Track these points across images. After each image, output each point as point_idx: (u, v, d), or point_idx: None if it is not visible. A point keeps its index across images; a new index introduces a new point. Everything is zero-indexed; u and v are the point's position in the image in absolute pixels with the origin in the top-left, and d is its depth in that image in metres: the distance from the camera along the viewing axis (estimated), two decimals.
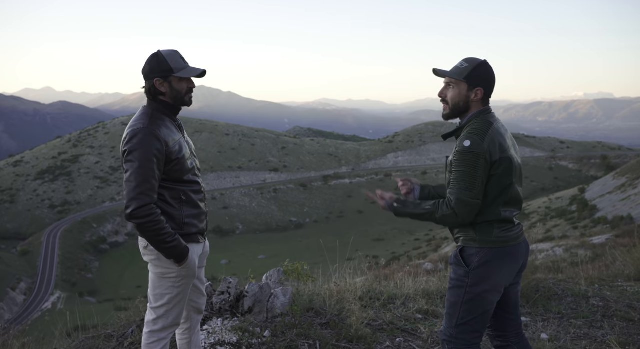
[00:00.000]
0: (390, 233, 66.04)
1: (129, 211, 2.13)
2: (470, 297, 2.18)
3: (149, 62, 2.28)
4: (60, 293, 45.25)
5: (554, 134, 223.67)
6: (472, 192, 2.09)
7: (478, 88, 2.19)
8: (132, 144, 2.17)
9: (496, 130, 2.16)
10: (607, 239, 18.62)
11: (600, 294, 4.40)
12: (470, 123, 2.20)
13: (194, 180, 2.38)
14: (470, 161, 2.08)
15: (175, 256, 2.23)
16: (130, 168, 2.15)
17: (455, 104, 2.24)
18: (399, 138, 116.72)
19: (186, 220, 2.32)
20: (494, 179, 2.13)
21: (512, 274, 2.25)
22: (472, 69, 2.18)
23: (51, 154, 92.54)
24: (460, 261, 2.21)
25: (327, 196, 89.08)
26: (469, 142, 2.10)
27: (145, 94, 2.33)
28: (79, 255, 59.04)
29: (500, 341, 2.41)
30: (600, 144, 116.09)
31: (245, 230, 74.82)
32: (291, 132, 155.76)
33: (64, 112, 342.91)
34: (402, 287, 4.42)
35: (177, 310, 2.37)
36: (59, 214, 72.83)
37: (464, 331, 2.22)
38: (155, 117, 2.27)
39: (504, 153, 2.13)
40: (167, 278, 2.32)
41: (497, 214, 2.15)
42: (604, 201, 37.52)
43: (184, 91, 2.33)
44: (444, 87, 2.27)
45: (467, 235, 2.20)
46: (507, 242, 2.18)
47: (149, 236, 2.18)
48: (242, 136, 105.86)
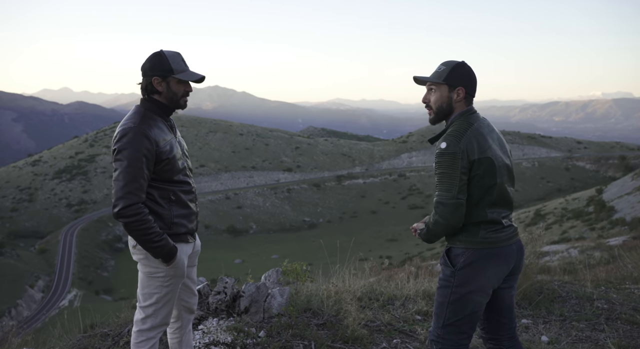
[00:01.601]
0: (403, 234, 65.69)
1: (116, 210, 2.14)
2: (456, 297, 2.18)
3: (150, 60, 2.27)
4: (77, 290, 45.94)
5: (571, 134, 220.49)
6: (450, 192, 2.10)
7: (459, 87, 2.21)
8: (122, 143, 2.16)
9: (476, 130, 2.16)
10: (624, 240, 18.28)
11: (606, 297, 4.32)
12: (452, 125, 2.21)
13: (184, 180, 2.37)
14: (447, 162, 2.10)
15: (163, 255, 2.24)
16: (119, 167, 2.15)
17: (438, 107, 2.25)
18: (412, 138, 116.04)
19: (175, 220, 2.32)
20: (475, 179, 2.12)
21: (500, 276, 2.22)
22: (450, 70, 2.21)
23: (68, 153, 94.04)
24: (447, 261, 2.22)
25: (341, 196, 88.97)
26: (445, 144, 2.12)
27: (140, 92, 2.32)
28: (95, 254, 59.88)
29: (492, 344, 2.39)
30: (619, 145, 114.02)
31: (258, 230, 75.12)
32: (305, 132, 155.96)
33: (81, 112, 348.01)
34: (402, 288, 4.39)
35: (165, 310, 2.37)
36: (76, 213, 73.93)
37: (451, 331, 2.21)
38: (147, 116, 2.26)
39: (484, 153, 2.12)
40: (156, 278, 2.33)
41: (483, 215, 2.14)
42: (622, 202, 36.82)
43: (180, 94, 2.32)
44: (426, 92, 2.29)
45: (453, 235, 2.22)
46: (495, 244, 2.16)
47: (136, 235, 2.18)
48: (256, 136, 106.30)
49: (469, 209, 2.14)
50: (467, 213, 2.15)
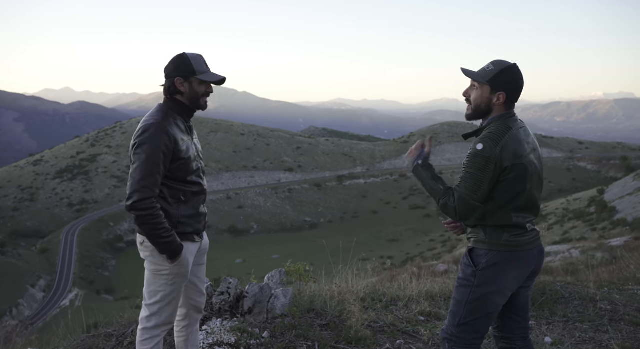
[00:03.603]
0: (404, 234, 65.70)
1: (130, 203, 2.18)
2: (475, 297, 2.19)
3: (173, 61, 2.34)
4: (78, 290, 46.01)
5: (573, 135, 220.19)
6: (475, 194, 2.12)
7: (500, 92, 2.18)
8: (143, 138, 2.23)
9: (514, 135, 2.14)
10: (625, 241, 18.26)
11: (609, 298, 4.32)
12: (489, 126, 2.20)
13: (196, 181, 2.42)
14: (480, 164, 2.10)
15: (169, 252, 2.28)
16: (138, 161, 2.21)
17: (477, 106, 2.24)
18: (414, 138, 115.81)
19: (181, 220, 2.36)
20: (503, 184, 2.13)
21: (520, 279, 2.24)
22: (496, 72, 2.17)
23: (70, 153, 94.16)
24: (469, 261, 2.23)
25: (342, 196, 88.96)
26: (482, 145, 2.11)
27: (163, 92, 2.39)
28: (96, 253, 59.95)
29: (505, 343, 2.39)
30: (620, 145, 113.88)
31: (259, 230, 75.14)
32: (306, 132, 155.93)
33: (83, 112, 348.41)
34: (405, 288, 4.39)
35: (170, 308, 2.40)
36: (77, 213, 74.03)
37: (465, 330, 2.23)
38: (169, 115, 2.34)
39: (518, 160, 2.12)
40: (161, 275, 2.36)
41: (508, 219, 2.15)
42: (624, 202, 36.75)
43: (201, 94, 2.38)
44: (469, 87, 2.27)
45: (477, 236, 2.22)
46: (518, 247, 2.17)
47: (146, 229, 2.23)
48: (257, 136, 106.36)
49: (495, 211, 2.15)
50: (492, 215, 2.16)
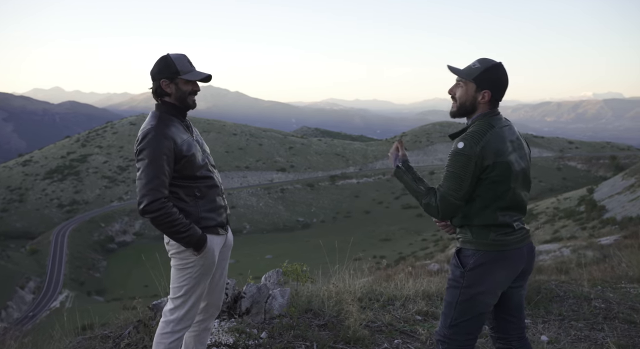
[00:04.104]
0: (397, 233, 65.86)
1: (141, 207, 2.23)
2: (465, 298, 2.19)
3: (157, 64, 2.39)
4: (68, 291, 45.59)
5: (563, 135, 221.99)
6: (457, 193, 2.12)
7: (485, 90, 2.17)
8: (143, 144, 2.29)
9: (496, 133, 2.14)
10: (615, 240, 18.44)
11: (603, 296, 4.36)
12: (473, 124, 2.20)
13: (207, 175, 2.46)
14: (461, 163, 2.09)
15: (193, 244, 2.31)
16: (142, 166, 2.27)
17: (462, 104, 2.24)
18: (406, 138, 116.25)
19: (202, 214, 2.40)
20: (486, 182, 2.12)
21: (509, 278, 2.23)
22: (482, 70, 2.16)
23: (60, 153, 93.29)
24: (457, 262, 2.23)
25: (335, 196, 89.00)
26: (462, 144, 2.10)
27: (152, 95, 2.45)
28: (87, 254, 59.46)
29: (501, 344, 2.39)
30: (609, 145, 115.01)
31: (252, 230, 74.94)
32: (298, 132, 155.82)
33: (73, 112, 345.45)
34: (402, 288, 4.40)
35: (192, 301, 2.43)
36: (68, 214, 73.39)
37: (457, 332, 2.22)
38: (163, 118, 2.39)
39: (500, 158, 2.10)
40: (186, 269, 2.40)
41: (493, 218, 2.15)
42: (613, 201, 37.15)
43: (188, 93, 2.42)
44: (454, 84, 2.26)
45: (464, 236, 2.22)
46: (505, 246, 2.17)
47: (163, 229, 2.27)
48: (250, 136, 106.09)
49: (480, 211, 2.15)
50: (478, 215, 2.15)
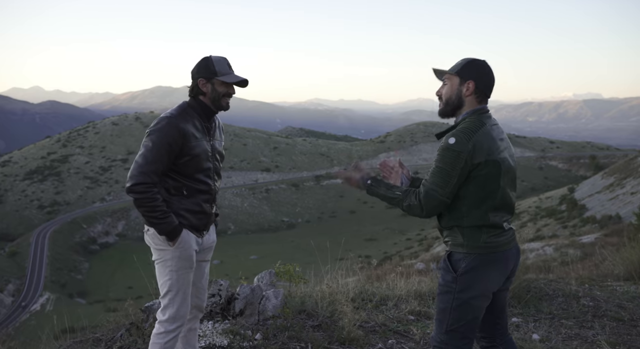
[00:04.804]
0: (382, 233, 66.15)
1: (128, 185, 2.28)
2: (459, 303, 2.13)
3: (198, 64, 2.44)
4: (49, 294, 44.80)
5: (544, 134, 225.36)
6: (443, 189, 2.06)
7: (469, 81, 2.15)
8: (154, 128, 2.34)
9: (487, 131, 2.11)
10: (596, 238, 18.81)
11: (591, 294, 4.42)
12: (463, 121, 2.16)
13: (203, 180, 2.47)
14: (450, 159, 2.04)
15: (167, 232, 2.33)
16: (144, 148, 2.32)
17: (448, 99, 2.20)
18: (390, 138, 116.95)
19: (180, 212, 2.41)
20: (476, 181, 2.08)
21: (500, 280, 2.21)
22: (465, 63, 2.17)
23: (40, 154, 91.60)
24: (448, 266, 2.16)
25: (319, 196, 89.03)
26: (454, 140, 2.05)
27: (188, 93, 2.50)
28: (69, 256, 58.49)
29: (485, 342, 2.40)
30: (589, 144, 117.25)
31: (237, 230, 74.56)
32: (283, 132, 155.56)
33: (53, 111, 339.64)
34: (394, 288, 4.40)
35: (179, 298, 2.43)
36: (48, 215, 72.12)
37: (454, 337, 2.18)
38: (186, 112, 2.43)
39: (491, 156, 2.07)
40: (165, 262, 2.41)
41: (485, 218, 2.10)
42: (593, 200, 37.86)
43: (222, 94, 2.46)
44: (441, 86, 2.25)
45: (455, 240, 2.15)
46: (496, 248, 2.13)
47: (143, 211, 2.31)
48: (234, 136, 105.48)
49: (471, 210, 2.10)
50: (469, 215, 2.10)
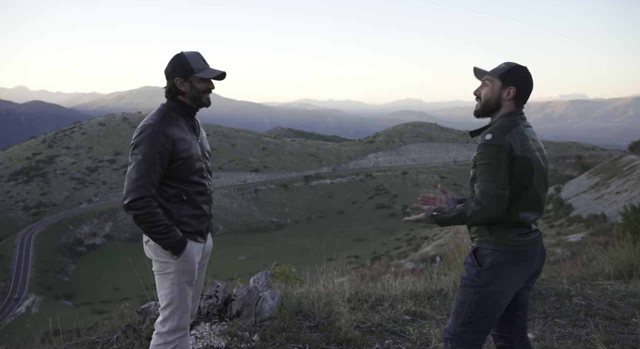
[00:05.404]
0: (371, 233, 66.34)
1: (126, 202, 2.19)
2: (480, 297, 2.19)
3: (171, 62, 2.34)
4: (34, 296, 44.19)
5: None
6: (495, 183, 2.08)
7: (511, 87, 2.21)
8: (139, 138, 2.23)
9: (520, 130, 2.16)
10: (582, 237, 19.05)
11: (583, 293, 4.48)
12: (497, 121, 2.22)
13: (199, 181, 2.40)
14: (492, 153, 2.09)
15: (172, 247, 2.26)
16: (134, 161, 2.22)
17: (487, 101, 2.25)
18: (379, 138, 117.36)
19: (182, 219, 2.35)
20: (513, 178, 2.13)
21: (523, 279, 2.25)
22: (509, 69, 2.22)
23: (25, 154, 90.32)
24: (474, 261, 2.21)
25: (308, 196, 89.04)
26: (491, 135, 2.12)
27: (165, 94, 2.39)
28: (55, 258, 57.78)
29: (503, 342, 2.41)
30: (575, 144, 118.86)
31: (225, 231, 74.25)
32: (272, 133, 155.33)
33: (38, 111, 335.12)
34: (389, 288, 4.42)
35: (181, 311, 2.37)
36: (34, 216, 71.17)
37: (469, 330, 2.23)
38: (168, 115, 2.33)
39: (525, 153, 2.13)
40: (167, 275, 2.34)
41: (514, 216, 2.15)
42: (579, 199, 38.34)
43: (202, 91, 2.37)
44: (480, 85, 2.30)
45: (482, 236, 2.21)
46: (522, 247, 2.18)
47: (145, 227, 2.22)
48: (222, 136, 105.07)
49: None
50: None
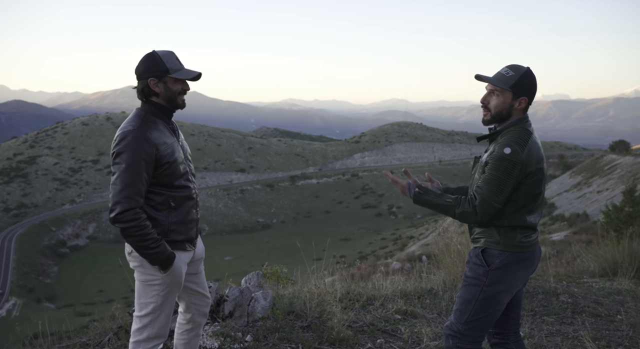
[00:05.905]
0: (357, 233, 66.50)
1: (112, 215, 2.07)
2: (486, 296, 2.25)
3: (143, 62, 2.20)
4: (16, 299, 43.38)
5: None
6: (498, 196, 2.16)
7: (523, 97, 2.23)
8: (121, 146, 2.11)
9: (534, 140, 2.21)
10: (565, 235, 19.35)
11: (569, 291, 4.57)
12: (509, 130, 2.23)
13: (185, 185, 2.31)
14: (506, 168, 2.14)
15: (160, 262, 2.17)
16: (117, 170, 2.10)
17: (498, 112, 2.26)
18: (365, 138, 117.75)
19: (172, 227, 2.25)
20: (524, 188, 2.19)
21: (526, 278, 2.33)
22: (518, 77, 2.21)
23: (6, 155, 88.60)
24: (482, 261, 2.26)
25: (295, 196, 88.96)
26: (509, 150, 2.14)
27: (137, 95, 2.26)
28: (37, 259, 56.83)
29: (498, 339, 2.48)
30: (558, 144, 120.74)
31: (211, 231, 73.79)
32: (258, 133, 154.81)
33: (19, 111, 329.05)
34: (379, 288, 4.46)
35: (162, 320, 2.30)
36: (15, 218, 69.89)
37: (472, 328, 2.28)
38: (147, 119, 2.21)
39: (539, 164, 2.20)
40: (152, 286, 2.24)
41: (523, 220, 2.22)
42: (562, 199, 38.94)
43: (178, 92, 2.27)
44: (487, 93, 2.30)
45: (490, 237, 2.26)
46: (528, 248, 2.25)
47: (132, 241, 2.11)
48: (208, 136, 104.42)
49: (512, 213, 2.21)
50: (509, 216, 2.22)
